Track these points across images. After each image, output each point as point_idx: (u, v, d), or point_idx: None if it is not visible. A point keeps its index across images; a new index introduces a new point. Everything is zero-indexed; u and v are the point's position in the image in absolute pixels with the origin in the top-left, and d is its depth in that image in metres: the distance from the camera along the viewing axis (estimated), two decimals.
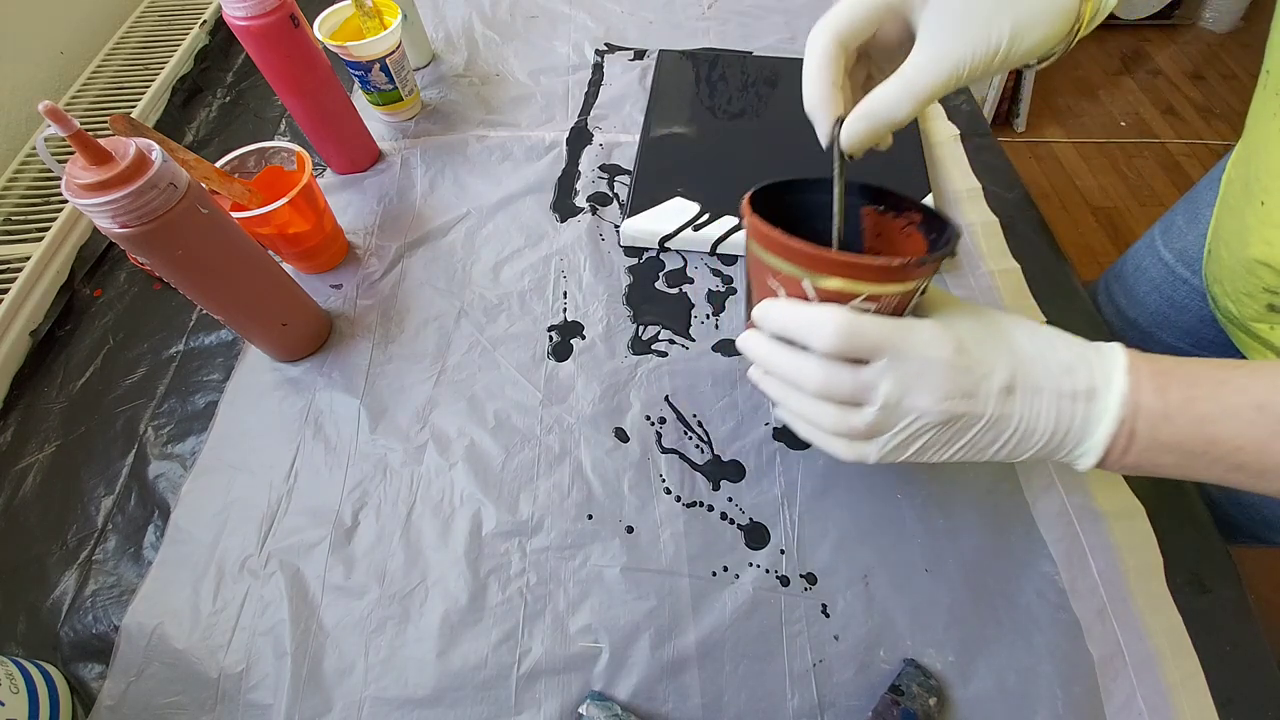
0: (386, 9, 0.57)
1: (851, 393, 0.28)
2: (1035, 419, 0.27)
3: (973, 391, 0.27)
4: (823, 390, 0.28)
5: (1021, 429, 0.28)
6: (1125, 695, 0.34)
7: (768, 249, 0.29)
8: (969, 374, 0.27)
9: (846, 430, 0.29)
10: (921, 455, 0.29)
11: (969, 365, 0.27)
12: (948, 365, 0.27)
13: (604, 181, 0.56)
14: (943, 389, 0.27)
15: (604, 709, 0.33)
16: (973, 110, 0.62)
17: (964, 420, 0.27)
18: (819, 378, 0.28)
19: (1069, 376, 0.27)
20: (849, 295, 0.28)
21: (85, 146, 0.30)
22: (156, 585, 0.38)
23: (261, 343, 0.45)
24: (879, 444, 0.29)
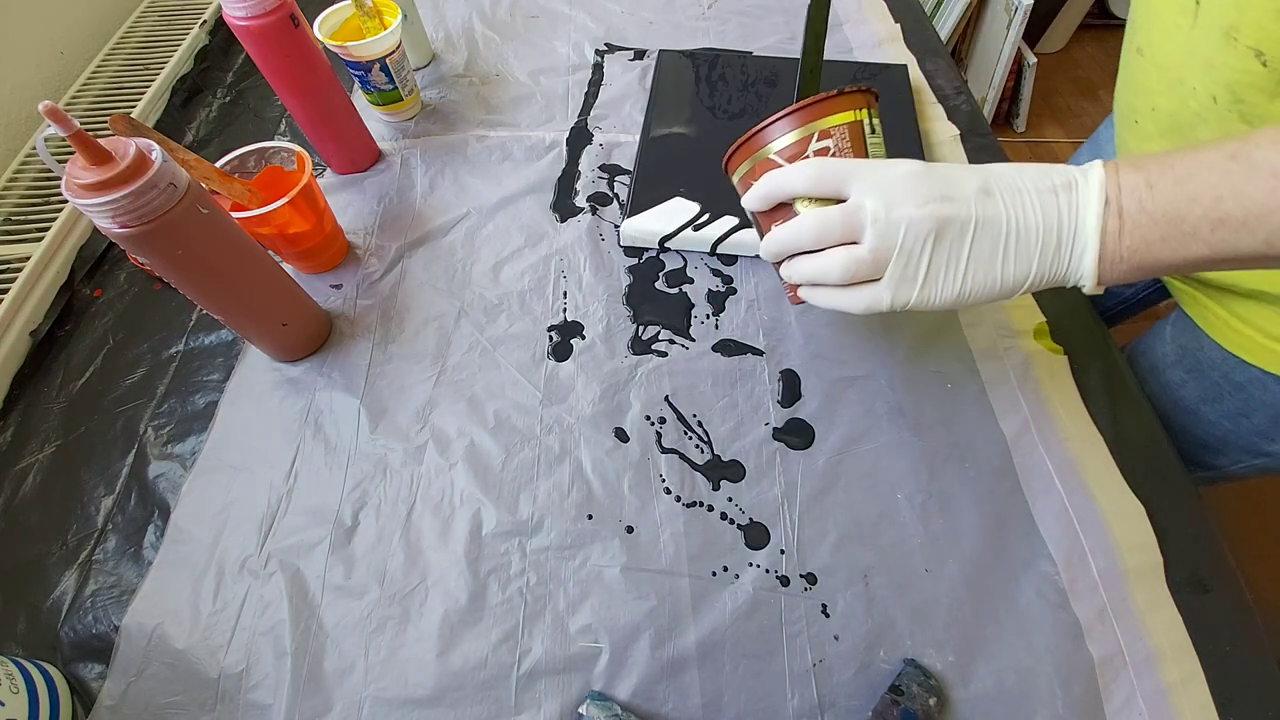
0: (386, 9, 0.57)
1: (843, 224, 0.30)
2: (1024, 214, 0.28)
3: (951, 194, 0.29)
4: (817, 231, 0.31)
5: (1014, 227, 0.28)
6: (1125, 695, 0.34)
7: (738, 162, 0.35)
8: (942, 181, 0.29)
9: (854, 264, 0.30)
10: (933, 287, 0.29)
11: (937, 173, 0.29)
12: (919, 174, 0.30)
13: (604, 181, 0.56)
14: (921, 194, 0.29)
15: (604, 709, 0.33)
16: (973, 110, 0.62)
17: (954, 225, 0.28)
18: (811, 225, 0.31)
19: (1045, 177, 0.29)
20: (805, 143, 0.33)
21: (85, 146, 0.30)
22: (156, 585, 0.38)
23: (261, 343, 0.45)
24: (888, 278, 0.30)
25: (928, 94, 0.63)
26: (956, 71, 0.66)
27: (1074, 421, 0.42)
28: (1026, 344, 0.46)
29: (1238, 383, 0.45)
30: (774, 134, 0.34)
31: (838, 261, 0.31)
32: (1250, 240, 0.25)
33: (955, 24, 1.52)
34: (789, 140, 0.33)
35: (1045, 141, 1.73)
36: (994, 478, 0.40)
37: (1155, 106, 0.42)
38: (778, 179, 0.32)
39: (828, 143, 0.32)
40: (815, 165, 0.31)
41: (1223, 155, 0.26)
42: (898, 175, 0.30)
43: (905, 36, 0.68)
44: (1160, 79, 0.41)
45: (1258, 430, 0.46)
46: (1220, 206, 0.25)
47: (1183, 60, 0.38)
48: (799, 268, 0.33)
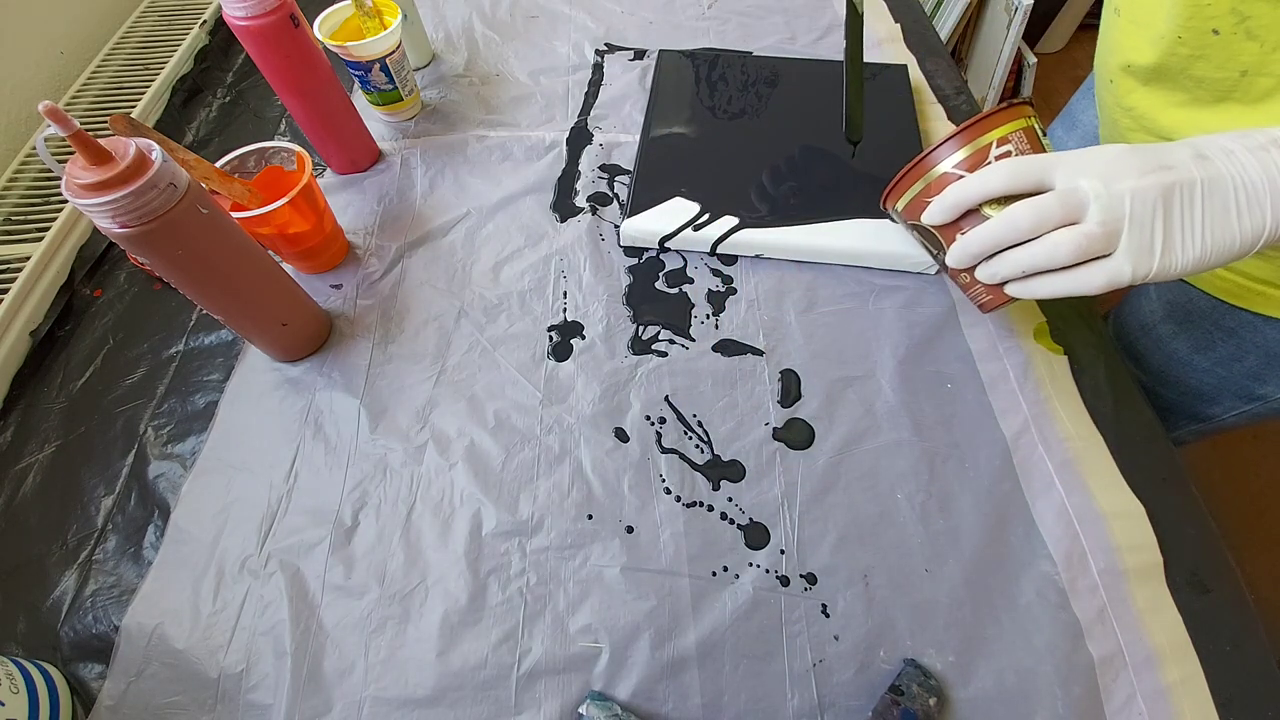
0: (386, 9, 0.57)
1: (1061, 207, 0.29)
2: (1244, 169, 0.28)
3: (1167, 163, 0.28)
4: (1036, 220, 0.30)
5: (1240, 181, 0.28)
6: (1125, 695, 0.34)
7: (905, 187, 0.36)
8: (1153, 153, 0.29)
9: (1085, 241, 0.29)
10: (1173, 254, 0.29)
11: (1148, 150, 0.29)
12: (1126, 152, 0.29)
13: (604, 181, 0.56)
14: (1136, 167, 0.28)
15: (604, 709, 0.33)
16: (973, 110, 0.62)
17: (1181, 189, 0.28)
18: (1027, 213, 0.30)
19: (1248, 138, 0.29)
20: (984, 154, 0.33)
21: (85, 146, 0.30)
22: (156, 585, 0.38)
23: (261, 343, 0.45)
24: (1124, 249, 0.29)
25: (928, 94, 0.63)
26: (956, 71, 0.66)
27: (1074, 421, 0.42)
28: (1026, 344, 0.46)
29: (1229, 328, 0.47)
30: (945, 153, 0.35)
31: (1066, 240, 0.30)
32: None
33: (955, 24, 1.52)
34: (963, 155, 0.34)
35: None
36: (994, 478, 0.40)
37: (1130, 64, 0.43)
38: (970, 184, 0.32)
39: (1008, 148, 0.33)
40: (1011, 163, 0.31)
41: None
42: (1105, 156, 0.29)
43: (905, 36, 0.68)
44: (1140, 36, 0.42)
45: (1250, 373, 0.47)
46: None
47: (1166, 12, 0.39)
48: (1012, 260, 0.32)
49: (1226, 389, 0.50)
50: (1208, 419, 0.53)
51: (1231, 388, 0.49)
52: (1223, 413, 0.52)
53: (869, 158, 0.54)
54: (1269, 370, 0.47)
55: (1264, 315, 0.44)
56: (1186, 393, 0.52)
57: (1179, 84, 0.41)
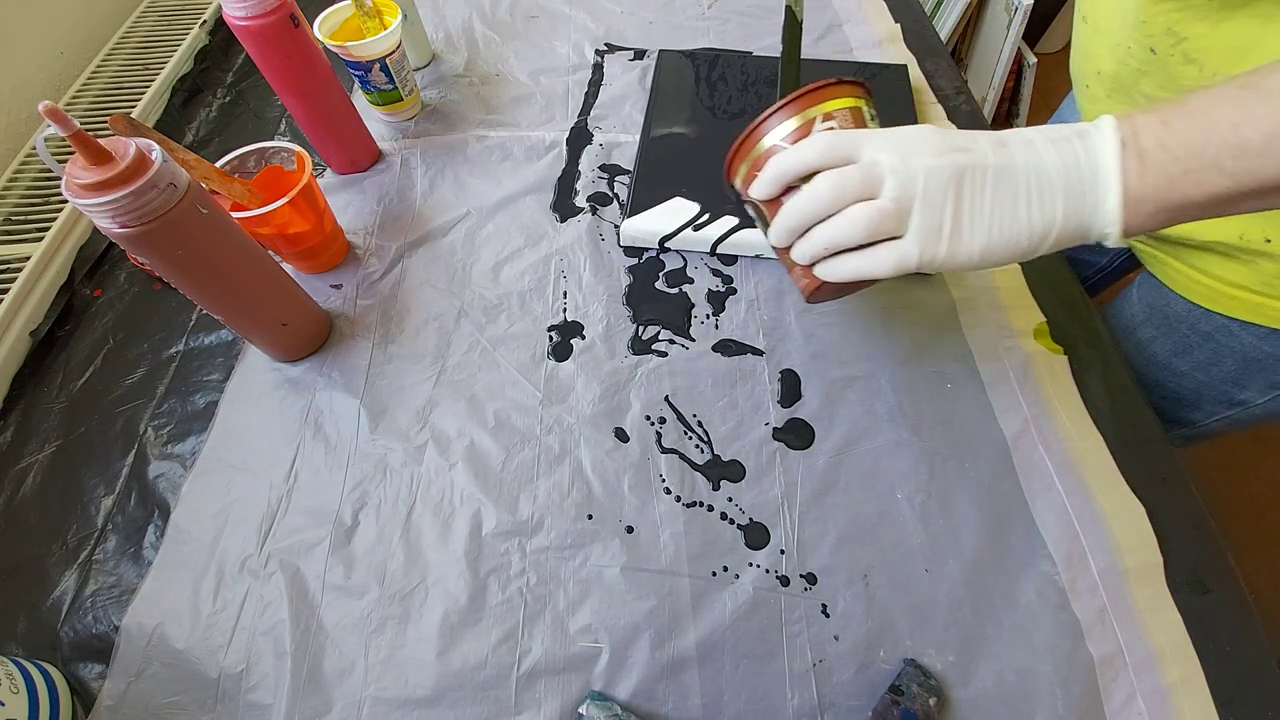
0: (386, 9, 0.57)
1: (860, 179, 0.29)
2: (1040, 158, 0.28)
3: (966, 146, 0.29)
4: (836, 194, 0.30)
5: (1033, 172, 0.28)
6: (1125, 695, 0.34)
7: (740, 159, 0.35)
8: (956, 135, 0.29)
9: (877, 215, 0.29)
10: (959, 239, 0.29)
11: (953, 132, 0.30)
12: (931, 131, 0.30)
13: (604, 181, 0.56)
14: (936, 145, 0.29)
15: (604, 709, 0.33)
16: (973, 110, 0.62)
17: (974, 172, 0.28)
18: (828, 185, 0.30)
19: (1055, 130, 0.29)
20: (808, 128, 0.33)
21: (85, 146, 0.30)
22: (156, 585, 0.38)
23: (261, 343, 0.45)
24: (913, 231, 0.29)
25: (928, 94, 0.63)
26: (956, 71, 0.66)
27: (1074, 421, 0.42)
28: (1026, 344, 0.46)
29: (1205, 332, 0.47)
30: (775, 123, 0.34)
31: (859, 215, 0.29)
32: (1272, 165, 0.25)
33: (955, 24, 1.52)
34: (792, 126, 0.33)
35: None
36: (994, 478, 0.40)
37: (1100, 70, 0.44)
38: (789, 156, 0.32)
39: (831, 124, 0.32)
40: (827, 136, 0.31)
41: (1234, 87, 0.26)
42: (910, 133, 0.30)
43: (905, 36, 0.68)
44: (1103, 42, 0.43)
45: (1228, 378, 0.47)
46: (1239, 133, 0.25)
47: (1120, 22, 0.40)
48: (816, 236, 0.32)
49: (1206, 394, 0.50)
50: (1189, 424, 0.53)
51: (1211, 393, 0.49)
52: (1204, 418, 0.52)
53: None
54: (1247, 375, 0.46)
55: (1239, 320, 0.44)
56: (1167, 397, 0.52)
57: (1132, 98, 0.42)
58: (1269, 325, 0.43)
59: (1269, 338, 0.44)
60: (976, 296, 0.48)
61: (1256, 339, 0.44)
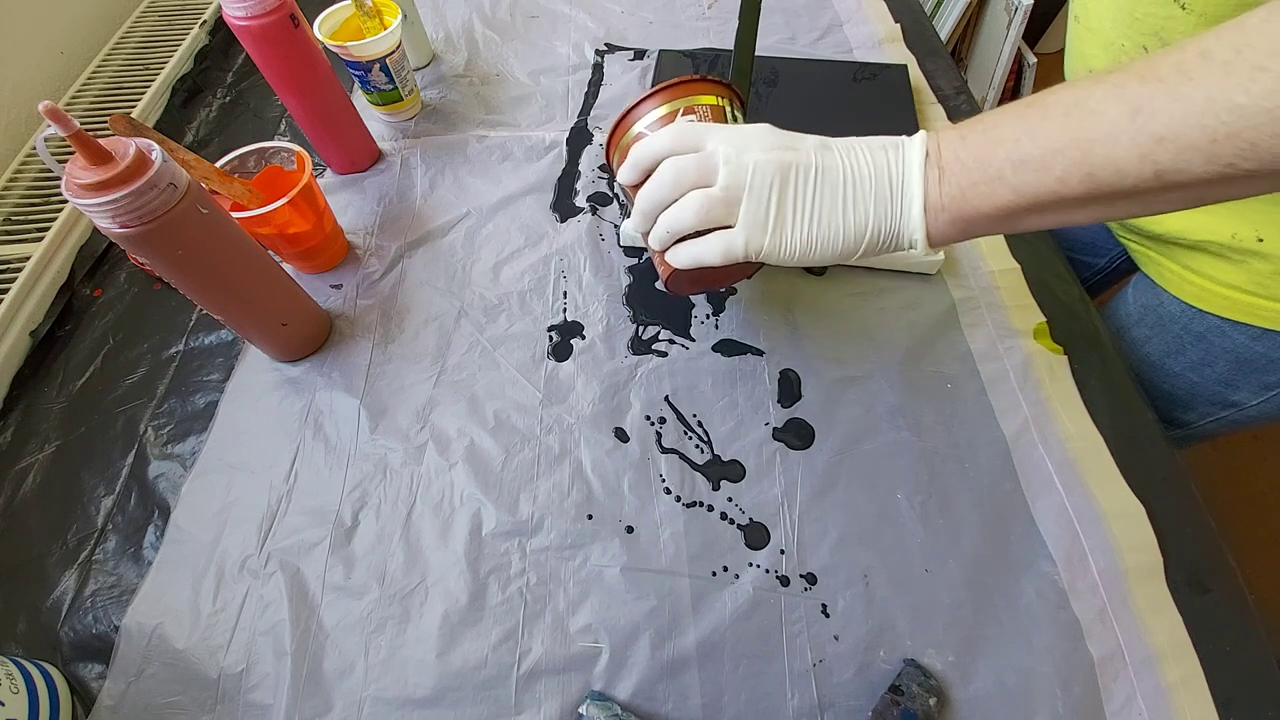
0: (386, 9, 0.57)
1: (697, 167, 0.32)
2: (858, 164, 0.31)
3: (794, 145, 0.31)
4: (675, 180, 0.32)
5: (850, 175, 0.31)
6: (1125, 695, 0.34)
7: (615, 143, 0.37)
8: (788, 136, 0.32)
9: (707, 202, 0.31)
10: (783, 232, 0.31)
11: (786, 133, 0.32)
12: (767, 130, 0.32)
13: (604, 181, 0.56)
14: (768, 142, 0.31)
15: (604, 709, 0.33)
16: (973, 110, 0.62)
17: (798, 169, 0.30)
18: (670, 171, 0.32)
19: (877, 139, 0.32)
20: (671, 118, 0.35)
21: (85, 146, 0.30)
22: (156, 585, 0.38)
23: (261, 343, 0.45)
24: (741, 221, 0.31)
25: (928, 94, 0.63)
26: (956, 71, 0.66)
27: (1074, 421, 0.42)
28: (1026, 344, 0.46)
29: (1197, 333, 0.47)
30: (644, 110, 0.36)
31: (693, 201, 0.32)
32: (1047, 179, 0.26)
33: (955, 24, 1.52)
34: (659, 114, 0.36)
35: None
36: (994, 478, 0.40)
37: (1092, 69, 0.45)
38: (647, 144, 0.34)
39: (693, 117, 0.35)
40: (678, 126, 0.34)
41: (1023, 104, 0.28)
42: (749, 130, 0.32)
43: (905, 36, 0.68)
44: (1094, 42, 0.44)
45: (1221, 379, 0.48)
46: (1020, 147, 0.27)
47: (1112, 20, 0.41)
48: (661, 221, 0.34)
49: (1199, 395, 0.50)
50: (1184, 425, 0.53)
51: (1204, 394, 0.49)
52: (1198, 419, 0.52)
53: None
54: (1240, 377, 0.47)
55: (1231, 320, 0.44)
56: (1161, 398, 0.52)
57: None
58: (1261, 325, 0.43)
59: (1261, 338, 0.44)
60: (976, 296, 0.48)
61: (1249, 339, 0.44)
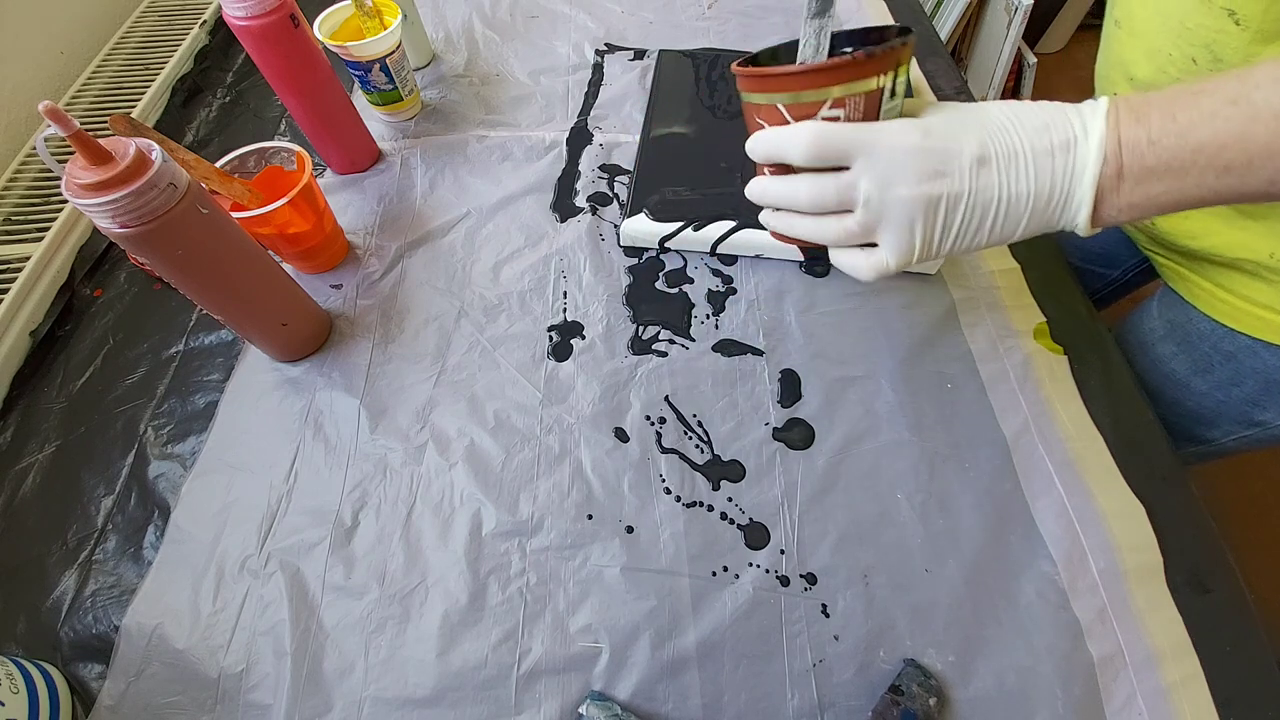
0: (386, 9, 0.57)
1: (837, 197, 0.30)
2: (1015, 183, 0.28)
3: (944, 170, 0.28)
4: (813, 202, 0.31)
5: (1005, 196, 0.28)
6: (1125, 695, 0.34)
7: (746, 89, 0.33)
8: (937, 154, 0.29)
9: (846, 235, 0.31)
10: (930, 248, 0.30)
11: (936, 146, 0.29)
12: (915, 150, 0.29)
13: (604, 181, 0.56)
14: (915, 172, 0.28)
15: (604, 709, 0.33)
16: None
17: (946, 200, 0.29)
18: (806, 190, 0.31)
19: (1045, 133, 0.28)
20: (817, 105, 0.30)
21: (85, 146, 0.30)
22: (156, 585, 0.38)
23: (261, 343, 0.45)
24: (887, 246, 0.31)
25: (928, 94, 0.63)
26: (956, 71, 0.66)
27: (1074, 421, 0.42)
28: (1026, 344, 0.46)
29: (1228, 352, 0.46)
30: (789, 86, 0.31)
31: (830, 230, 0.32)
32: (1254, 180, 0.25)
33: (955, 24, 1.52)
34: (803, 99, 0.31)
35: None
36: (994, 478, 0.40)
37: (1133, 76, 0.43)
38: (779, 143, 0.31)
39: (839, 111, 0.31)
40: (817, 137, 0.30)
41: (1223, 101, 0.25)
42: (896, 150, 0.29)
43: None
44: (1137, 48, 0.42)
45: (1249, 398, 0.47)
46: (1224, 155, 0.25)
47: (1159, 27, 0.39)
48: (789, 224, 0.34)
49: (1225, 413, 0.49)
50: (1206, 441, 0.52)
51: (1230, 412, 0.49)
52: (1221, 436, 0.51)
53: None
54: (1268, 397, 0.46)
55: (1264, 340, 0.43)
56: (1184, 415, 0.51)
57: None
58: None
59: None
60: (976, 296, 0.48)
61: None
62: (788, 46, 0.35)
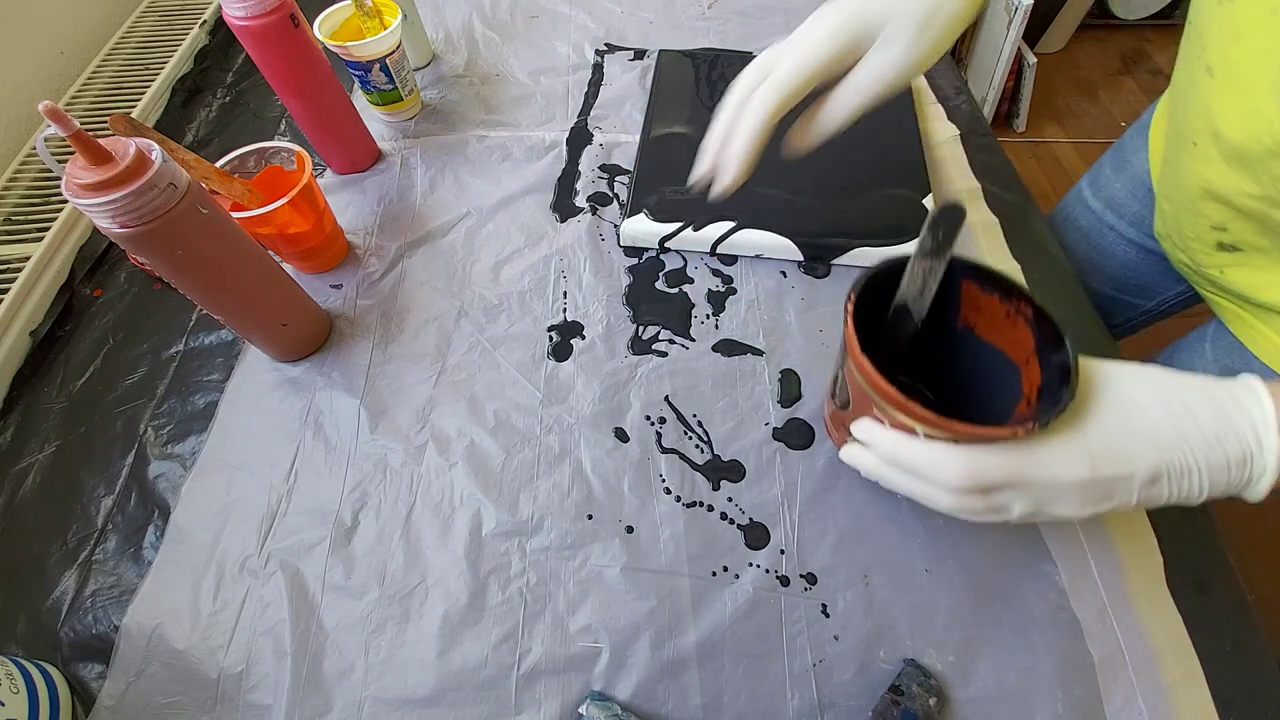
0: (386, 9, 0.57)
1: (985, 512, 0.29)
2: (1189, 491, 0.27)
3: (1113, 493, 0.27)
4: (956, 510, 0.30)
5: (1175, 498, 0.28)
6: (1125, 695, 0.34)
7: (877, 392, 0.30)
8: (1109, 484, 0.27)
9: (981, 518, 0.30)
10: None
11: (1104, 477, 0.27)
12: (1082, 484, 0.27)
13: (604, 181, 0.56)
14: (1080, 500, 0.28)
15: (604, 709, 0.33)
16: (973, 110, 0.62)
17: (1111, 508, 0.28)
18: (950, 504, 0.29)
19: (1219, 448, 0.27)
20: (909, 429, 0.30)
21: (85, 146, 0.30)
22: (156, 585, 0.38)
23: (261, 343, 0.45)
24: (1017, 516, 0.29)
25: (928, 94, 0.63)
26: (956, 71, 0.66)
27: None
28: None
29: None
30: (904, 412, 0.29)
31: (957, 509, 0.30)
32: None
33: None
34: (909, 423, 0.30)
35: (1045, 141, 1.73)
36: None
37: (1219, 132, 0.38)
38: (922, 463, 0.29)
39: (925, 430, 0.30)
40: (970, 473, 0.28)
41: None
42: (1061, 485, 0.27)
43: None
44: (1233, 105, 0.37)
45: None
46: None
47: (1270, 88, 0.34)
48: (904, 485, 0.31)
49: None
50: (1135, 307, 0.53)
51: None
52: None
53: (870, 160, 0.54)
54: None
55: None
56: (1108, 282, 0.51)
57: (1255, 173, 0.36)
58: None
59: None
60: None
61: None
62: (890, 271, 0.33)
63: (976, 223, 0.52)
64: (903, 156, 0.54)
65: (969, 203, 0.54)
